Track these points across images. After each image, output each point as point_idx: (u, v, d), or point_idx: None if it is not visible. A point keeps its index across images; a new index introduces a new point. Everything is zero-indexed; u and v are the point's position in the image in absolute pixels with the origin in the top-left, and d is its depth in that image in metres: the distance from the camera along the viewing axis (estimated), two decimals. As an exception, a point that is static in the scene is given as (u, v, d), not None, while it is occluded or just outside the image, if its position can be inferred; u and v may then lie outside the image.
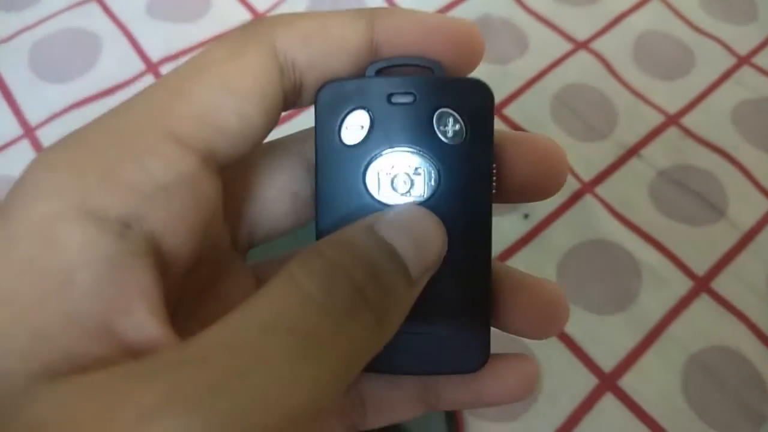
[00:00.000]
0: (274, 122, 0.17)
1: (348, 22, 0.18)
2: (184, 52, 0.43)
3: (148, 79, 0.42)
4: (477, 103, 0.18)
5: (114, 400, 0.12)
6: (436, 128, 0.18)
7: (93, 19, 0.45)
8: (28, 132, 0.40)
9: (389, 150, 0.18)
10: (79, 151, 0.15)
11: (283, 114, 0.18)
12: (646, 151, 0.41)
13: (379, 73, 0.18)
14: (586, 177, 0.40)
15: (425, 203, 0.18)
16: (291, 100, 0.18)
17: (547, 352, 0.33)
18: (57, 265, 0.14)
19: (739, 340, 0.34)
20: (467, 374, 0.19)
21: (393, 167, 0.18)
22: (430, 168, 0.18)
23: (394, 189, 0.18)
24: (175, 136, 0.15)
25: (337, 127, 0.18)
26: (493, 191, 0.18)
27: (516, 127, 0.41)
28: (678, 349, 0.34)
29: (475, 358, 0.18)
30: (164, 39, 0.44)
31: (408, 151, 0.18)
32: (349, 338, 0.14)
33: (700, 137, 0.41)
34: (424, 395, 0.20)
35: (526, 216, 0.38)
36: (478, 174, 0.18)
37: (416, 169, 0.18)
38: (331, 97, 0.18)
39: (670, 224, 0.38)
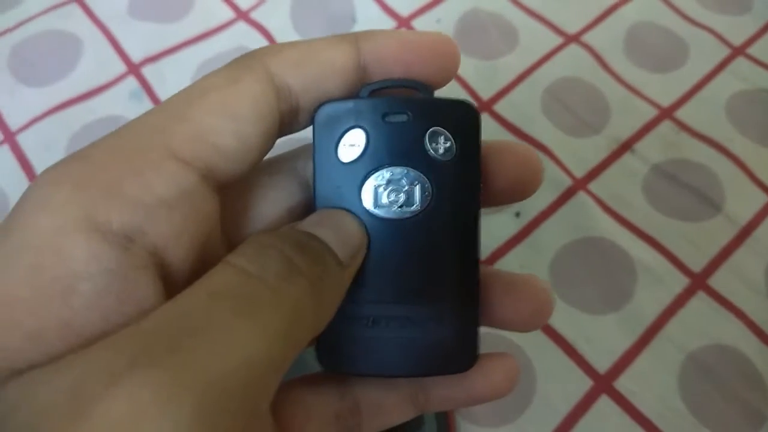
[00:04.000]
0: (270, 143, 0.18)
1: (334, 46, 0.19)
2: (166, 53, 0.43)
3: (130, 81, 0.41)
4: (466, 122, 0.19)
5: (81, 373, 0.12)
6: (428, 146, 0.19)
7: (73, 20, 0.44)
8: (9, 137, 0.39)
9: (384, 166, 0.19)
10: (83, 168, 0.16)
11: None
12: (639, 146, 0.40)
13: (372, 94, 0.19)
14: (579, 173, 0.39)
15: (418, 215, 0.19)
16: (288, 122, 0.19)
17: (541, 353, 0.32)
18: (61, 275, 0.14)
19: (738, 338, 0.33)
20: (458, 374, 0.20)
21: (388, 182, 0.19)
22: (423, 183, 0.19)
23: (389, 203, 0.19)
24: (175, 155, 0.16)
25: (334, 145, 0.19)
26: (480, 202, 0.19)
27: (507, 124, 0.40)
28: (675, 348, 0.33)
29: (466, 358, 0.19)
30: (146, 40, 0.43)
31: (402, 167, 0.19)
32: (288, 299, 0.15)
33: (694, 130, 0.40)
34: (414, 397, 0.21)
35: (517, 214, 0.37)
36: (467, 187, 0.19)
37: (410, 183, 0.19)
38: (328, 117, 0.19)
39: (665, 220, 0.37)
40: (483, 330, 0.33)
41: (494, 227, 0.36)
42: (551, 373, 0.32)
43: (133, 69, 0.42)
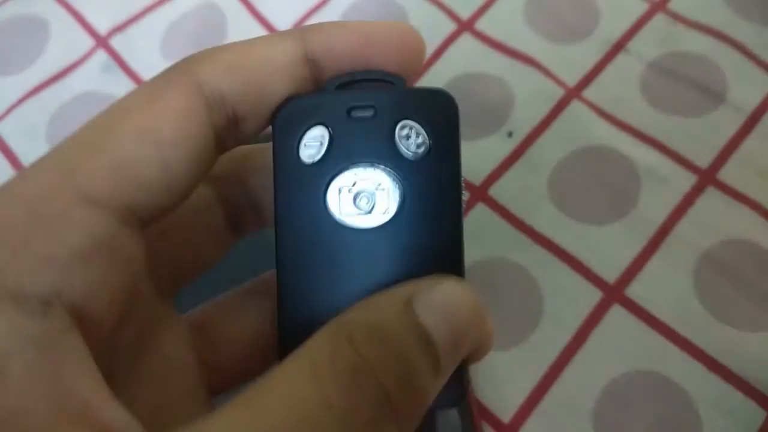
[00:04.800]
0: (206, 167, 0.16)
1: (272, 44, 0.17)
2: (132, 20, 0.41)
3: (100, 54, 0.40)
4: (440, 114, 0.17)
5: None
6: (398, 142, 0.17)
7: (37, 2, 0.43)
8: (-11, 129, 0.39)
9: (350, 167, 0.17)
10: None
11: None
12: (633, 44, 0.38)
13: (340, 88, 0.17)
14: (571, 82, 0.37)
15: (390, 222, 0.17)
16: (228, 135, 0.17)
17: (545, 270, 0.31)
18: None
19: (753, 229, 0.31)
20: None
21: (354, 185, 0.17)
22: (394, 184, 0.17)
23: (356, 207, 0.17)
24: (88, 197, 0.14)
25: (295, 146, 0.17)
26: (463, 205, 0.17)
27: (490, 40, 0.38)
28: (687, 248, 0.31)
29: (454, 391, 0.17)
30: (110, 10, 0.42)
31: (370, 167, 0.17)
32: None
33: (690, 20, 0.38)
34: None
35: (510, 134, 0.36)
36: (445, 188, 0.17)
37: (379, 185, 0.17)
38: (288, 115, 0.17)
39: (667, 118, 0.35)
40: (486, 254, 0.32)
41: (486, 150, 0.35)
42: (558, 289, 0.31)
43: (101, 42, 0.41)
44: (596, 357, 0.29)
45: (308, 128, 0.17)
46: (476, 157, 0.35)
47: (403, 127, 0.17)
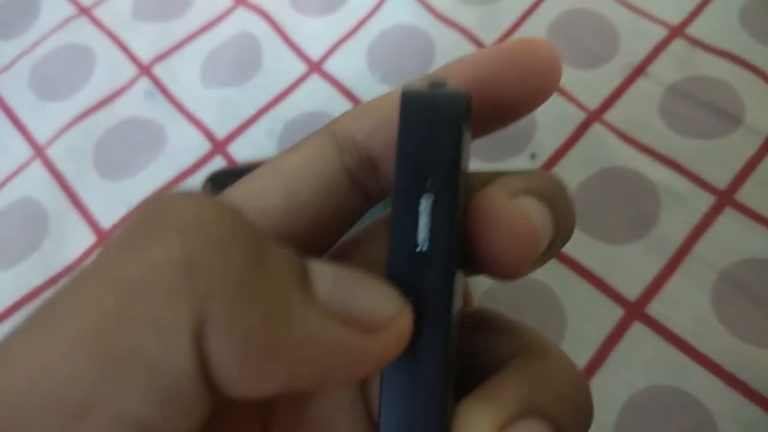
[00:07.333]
0: (339, 202, 0.17)
1: (396, 90, 0.16)
2: (173, 49, 0.44)
3: (143, 82, 0.43)
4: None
5: None
6: None
7: (83, 33, 0.46)
8: (39, 152, 0.41)
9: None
10: None
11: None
12: (652, 69, 0.39)
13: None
14: (592, 105, 0.38)
15: None
16: (365, 178, 0.17)
17: (568, 288, 0.32)
18: None
19: (770, 248, 0.32)
20: None
21: None
22: None
23: None
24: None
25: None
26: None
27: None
28: (706, 268, 0.32)
29: None
30: (152, 40, 0.44)
31: None
32: None
33: (707, 45, 0.39)
34: None
35: (533, 156, 0.37)
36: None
37: None
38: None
39: (685, 141, 0.36)
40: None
41: (510, 172, 0.36)
42: (580, 307, 0.32)
43: (144, 70, 0.43)
44: (618, 372, 0.30)
45: None
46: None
47: None
